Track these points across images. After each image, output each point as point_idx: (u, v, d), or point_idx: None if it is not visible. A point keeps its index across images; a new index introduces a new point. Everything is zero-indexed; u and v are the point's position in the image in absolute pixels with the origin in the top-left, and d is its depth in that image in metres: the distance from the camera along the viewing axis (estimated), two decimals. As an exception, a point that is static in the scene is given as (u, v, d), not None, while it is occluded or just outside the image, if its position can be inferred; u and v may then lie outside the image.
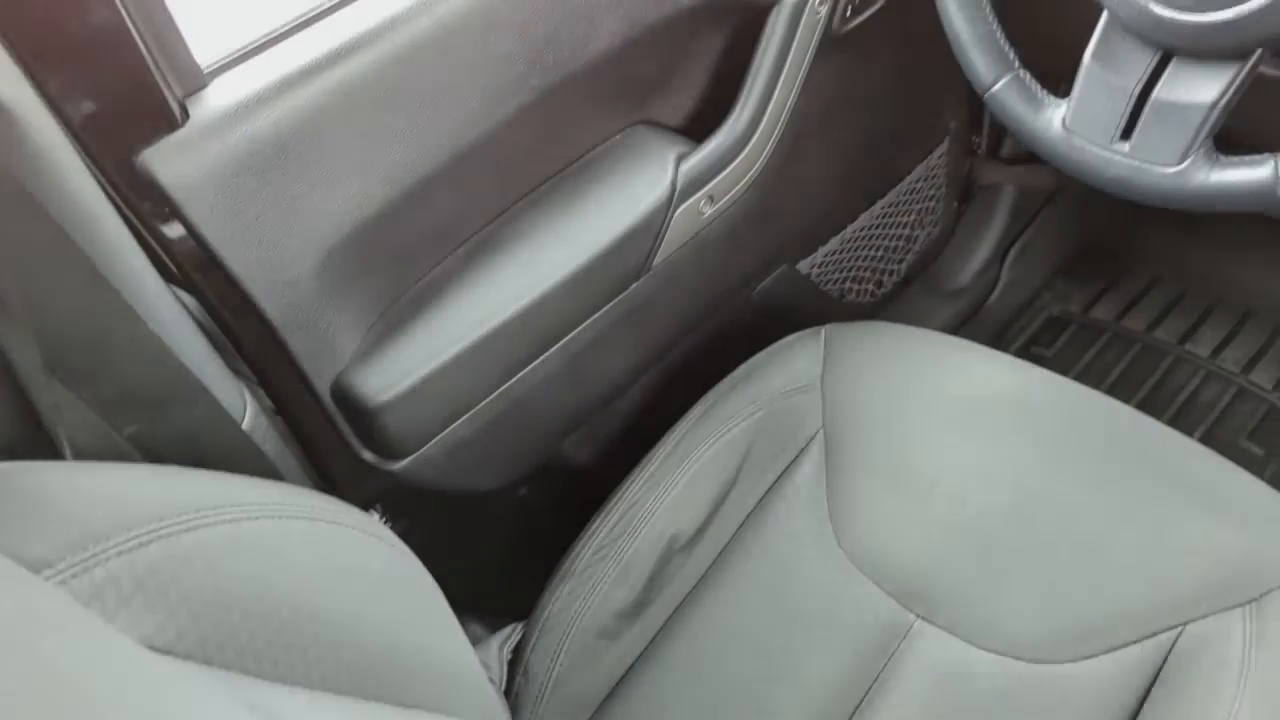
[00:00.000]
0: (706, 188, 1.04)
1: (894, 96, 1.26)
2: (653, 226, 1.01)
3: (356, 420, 0.90)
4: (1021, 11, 0.88)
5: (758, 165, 1.09)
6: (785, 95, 1.07)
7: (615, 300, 1.03)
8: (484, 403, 0.97)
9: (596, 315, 1.02)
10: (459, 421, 0.95)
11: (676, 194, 1.01)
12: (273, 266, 0.78)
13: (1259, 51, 0.72)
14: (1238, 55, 0.72)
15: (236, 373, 0.80)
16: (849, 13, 1.09)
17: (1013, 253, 1.66)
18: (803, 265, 1.33)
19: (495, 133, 0.88)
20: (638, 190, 1.00)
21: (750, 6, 1.03)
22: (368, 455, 0.93)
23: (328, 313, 0.84)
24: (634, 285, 1.04)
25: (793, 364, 1.03)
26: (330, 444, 0.92)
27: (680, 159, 1.02)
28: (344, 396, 0.88)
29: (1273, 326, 1.52)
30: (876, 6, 1.10)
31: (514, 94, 0.88)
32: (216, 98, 0.73)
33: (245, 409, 0.75)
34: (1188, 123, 0.75)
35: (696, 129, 1.06)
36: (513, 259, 0.96)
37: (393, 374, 0.88)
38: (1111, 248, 1.68)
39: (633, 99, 1.05)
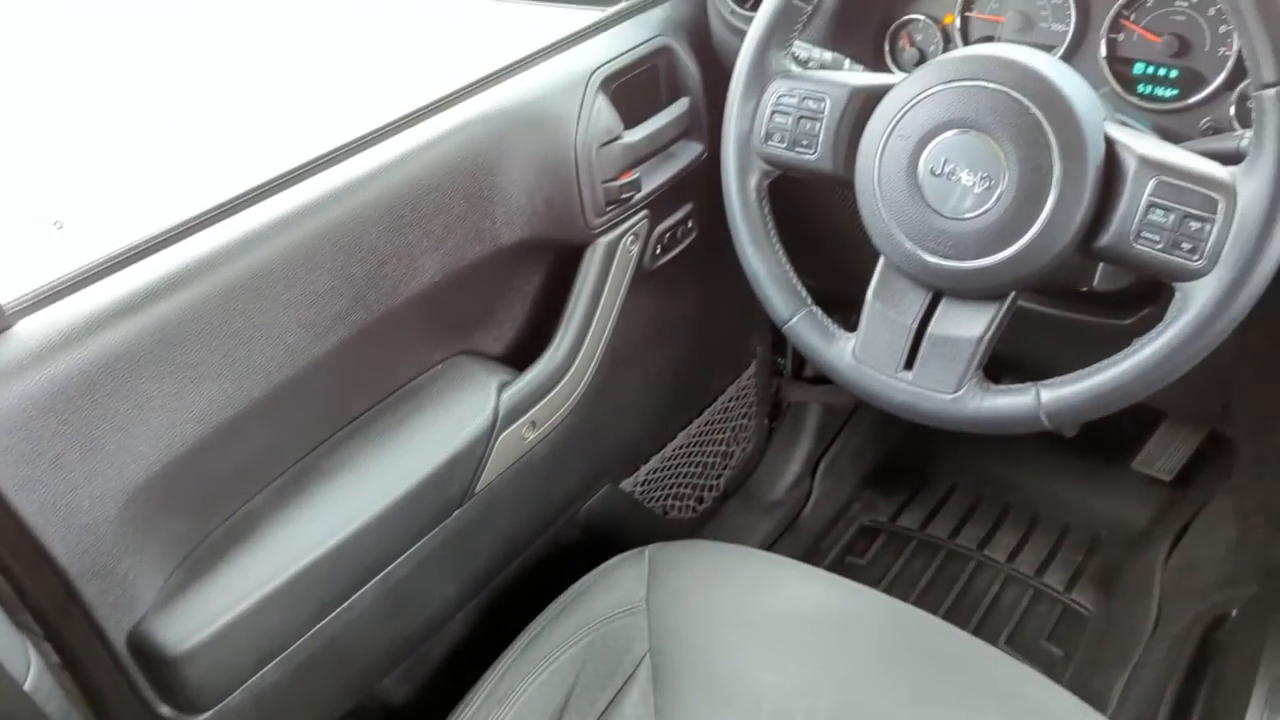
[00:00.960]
0: (529, 414, 1.07)
1: (703, 324, 1.35)
2: (475, 453, 1.02)
3: (155, 672, 0.83)
4: (815, 251, 0.97)
5: (578, 391, 1.13)
6: (602, 325, 1.12)
7: (437, 528, 1.02)
8: (296, 644, 0.92)
9: (417, 545, 1.00)
10: (268, 666, 0.90)
11: (499, 421, 1.03)
12: (69, 510, 0.74)
13: (1012, 294, 0.82)
14: (996, 296, 0.82)
15: (20, 626, 0.73)
16: (658, 251, 1.17)
17: (822, 466, 1.75)
18: (625, 484, 1.35)
19: (314, 366, 0.89)
20: (460, 418, 1.02)
21: (567, 245, 1.09)
22: (165, 710, 0.86)
23: (127, 557, 0.80)
24: (456, 512, 1.04)
25: (618, 586, 1.03)
26: (125, 700, 0.85)
27: (502, 387, 1.04)
28: (141, 647, 0.82)
29: (1059, 529, 1.65)
30: (682, 247, 1.19)
31: (335, 329, 0.89)
32: (19, 340, 0.71)
33: (29, 667, 0.69)
34: (960, 355, 0.83)
35: (518, 358, 1.10)
36: (330, 491, 0.94)
37: (196, 619, 0.83)
38: (912, 459, 1.79)
39: (455, 331, 1.08)
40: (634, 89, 1.11)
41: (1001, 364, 0.87)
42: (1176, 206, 0.73)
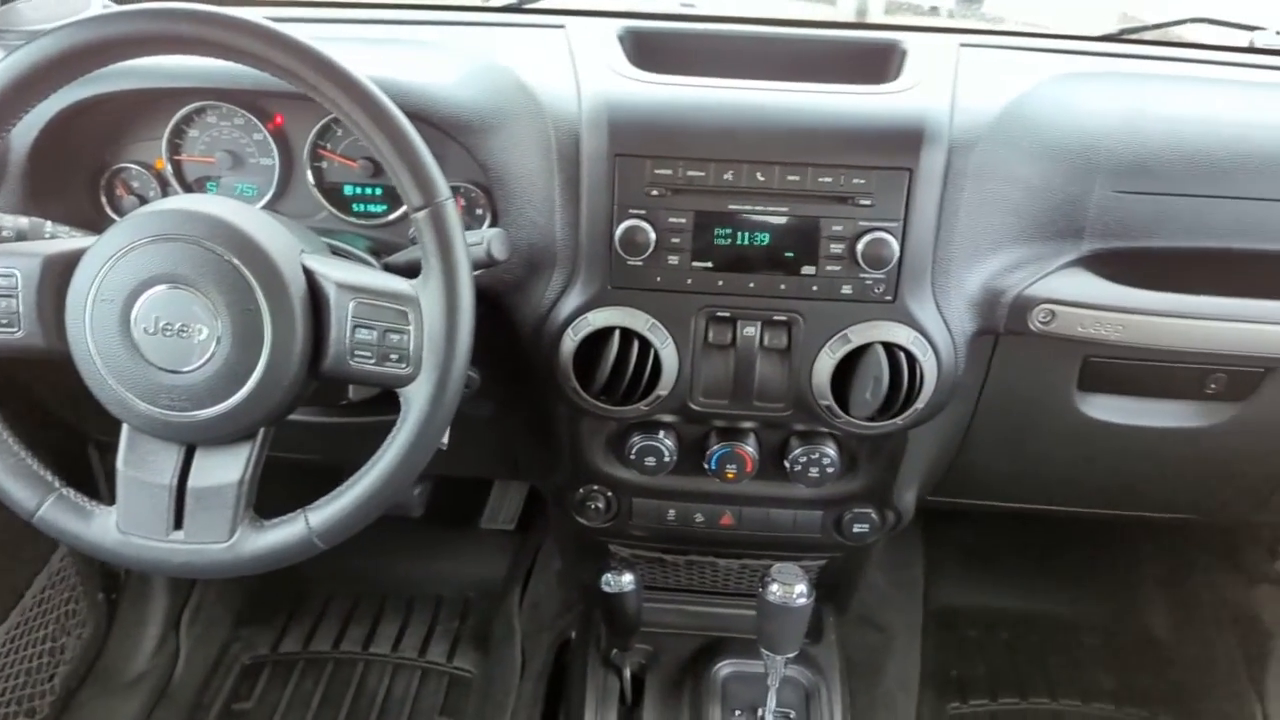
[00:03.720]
0: None
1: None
2: None
3: None
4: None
5: None
6: None
7: None
8: None
9: None
10: None
11: None
12: None
13: (262, 430, 0.83)
14: (246, 436, 0.83)
15: None
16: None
17: (185, 618, 1.63)
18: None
19: None
20: None
21: None
22: None
23: None
24: None
25: None
26: None
27: None
28: None
29: (433, 604, 1.72)
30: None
31: None
32: None
33: None
34: (225, 502, 0.83)
35: None
36: None
37: None
38: (283, 581, 1.75)
39: None
40: None
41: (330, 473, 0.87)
42: (377, 323, 0.80)
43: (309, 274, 0.81)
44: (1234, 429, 1.11)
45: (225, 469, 0.83)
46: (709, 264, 0.94)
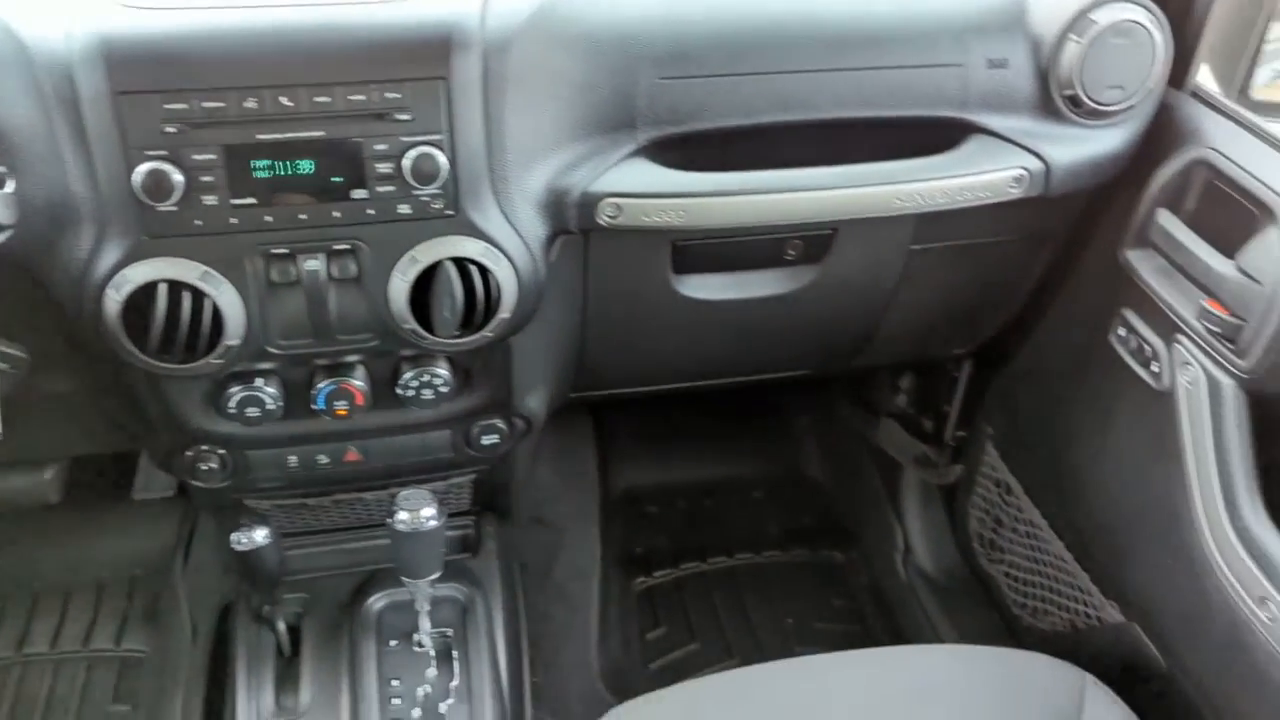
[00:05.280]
0: None
1: None
2: None
3: None
4: None
5: None
6: None
7: None
8: None
9: None
10: None
11: None
12: None
13: None
14: None
15: None
16: None
17: None
18: None
19: None
20: None
21: None
22: None
23: None
24: None
25: None
26: None
27: None
28: None
29: (94, 590, 1.60)
30: None
31: None
32: None
33: None
34: None
35: None
36: None
37: None
38: None
39: None
40: None
41: None
42: None
43: None
44: (818, 288, 1.20)
45: None
46: (252, 200, 0.88)
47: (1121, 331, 1.17)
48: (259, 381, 1.01)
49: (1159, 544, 1.13)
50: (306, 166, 0.89)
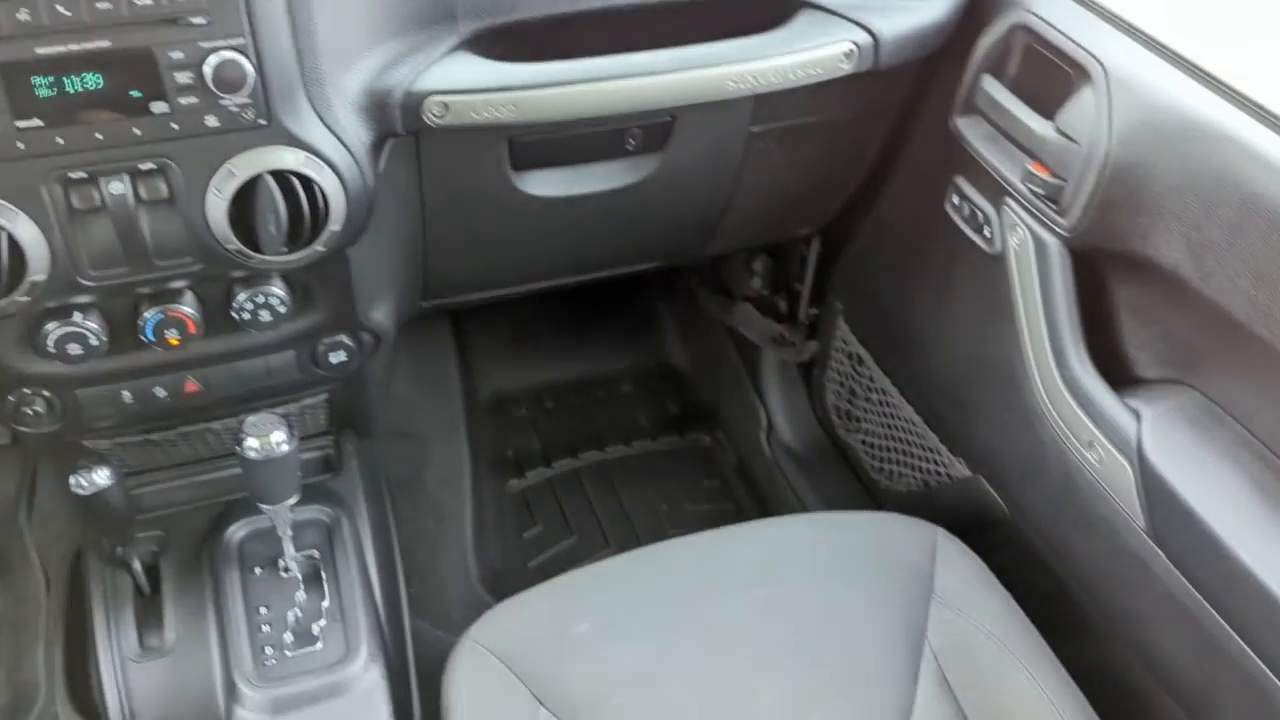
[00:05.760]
0: None
1: None
2: None
3: None
4: None
5: None
6: None
7: None
8: None
9: None
10: None
11: None
12: None
13: None
14: None
15: None
16: None
17: None
18: None
19: None
20: None
21: None
22: None
23: None
24: None
25: None
26: None
27: None
28: None
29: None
30: None
31: None
32: None
33: None
34: None
35: None
36: None
37: None
38: None
39: None
40: None
41: None
42: None
43: None
44: (661, 178, 1.18)
45: None
46: (38, 121, 0.81)
47: (955, 199, 1.20)
48: (78, 316, 0.94)
49: (998, 400, 1.19)
50: (95, 81, 0.81)
